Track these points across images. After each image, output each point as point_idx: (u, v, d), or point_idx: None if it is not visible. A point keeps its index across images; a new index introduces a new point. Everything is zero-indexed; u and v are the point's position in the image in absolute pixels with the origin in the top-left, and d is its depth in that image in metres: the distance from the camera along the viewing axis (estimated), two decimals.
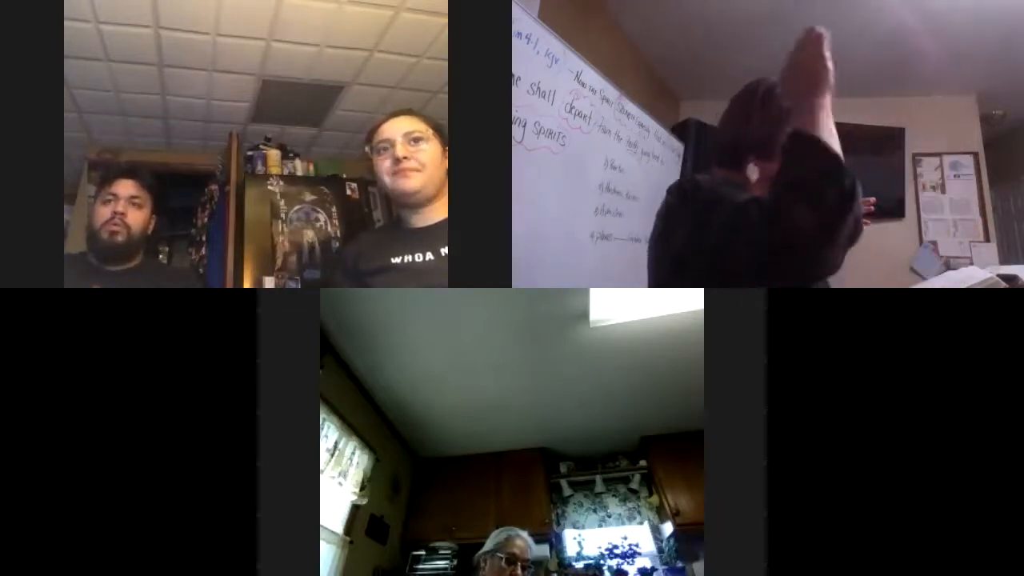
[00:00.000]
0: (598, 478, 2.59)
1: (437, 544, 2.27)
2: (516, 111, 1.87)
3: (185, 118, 3.14)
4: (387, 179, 1.56)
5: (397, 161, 1.52)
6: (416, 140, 1.51)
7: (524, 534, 1.84)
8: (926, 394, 1.22)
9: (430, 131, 1.52)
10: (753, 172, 1.27)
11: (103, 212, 1.87)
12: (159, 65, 2.60)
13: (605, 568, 2.20)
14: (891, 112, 3.99)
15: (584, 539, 2.36)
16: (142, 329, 1.22)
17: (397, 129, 1.56)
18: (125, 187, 1.90)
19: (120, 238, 1.84)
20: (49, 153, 1.28)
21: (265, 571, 1.21)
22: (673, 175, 3.20)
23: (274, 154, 3.28)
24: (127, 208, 1.87)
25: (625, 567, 2.19)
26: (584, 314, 1.67)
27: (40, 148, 1.28)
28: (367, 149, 1.63)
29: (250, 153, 3.27)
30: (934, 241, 4.01)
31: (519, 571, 1.74)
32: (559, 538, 2.36)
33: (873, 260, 3.77)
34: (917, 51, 3.32)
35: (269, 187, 3.14)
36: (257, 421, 1.22)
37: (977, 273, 1.43)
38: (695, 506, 2.10)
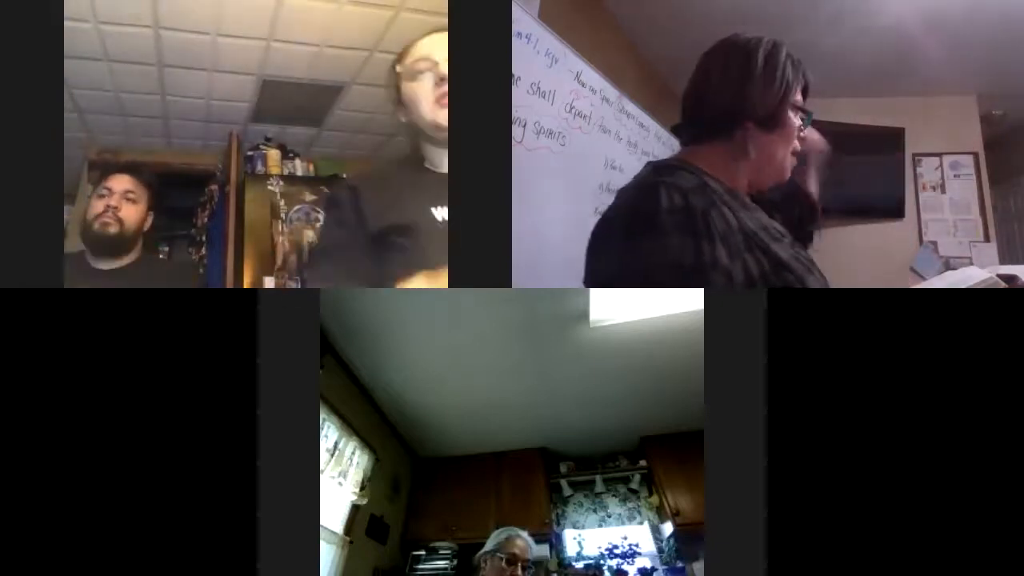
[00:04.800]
0: (598, 478, 2.59)
1: (437, 544, 2.27)
2: (516, 111, 1.86)
3: (185, 118, 3.15)
4: (427, 108, 1.26)
5: (443, 81, 1.25)
6: None
7: (524, 534, 1.84)
8: (926, 394, 1.22)
9: None
10: (708, 153, 1.11)
11: (96, 206, 1.86)
12: (159, 65, 2.61)
13: (605, 568, 2.20)
14: (891, 112, 3.99)
15: (584, 539, 2.36)
16: (142, 329, 1.22)
17: (439, 45, 1.29)
18: (120, 182, 1.89)
19: (112, 230, 1.82)
20: (49, 153, 1.28)
21: (265, 571, 1.21)
22: None
23: (274, 154, 3.29)
24: (120, 202, 1.86)
25: (625, 567, 2.19)
26: (584, 314, 1.67)
27: (40, 148, 1.28)
28: (398, 70, 1.32)
29: (250, 153, 3.28)
30: (934, 241, 4.01)
31: (519, 571, 1.74)
32: (559, 538, 2.36)
33: (873, 260, 3.78)
34: (917, 51, 3.32)
35: (269, 187, 3.14)
36: (257, 421, 1.22)
37: (977, 273, 1.42)
38: (695, 506, 2.10)
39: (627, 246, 1.03)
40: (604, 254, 1.11)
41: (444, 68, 1.26)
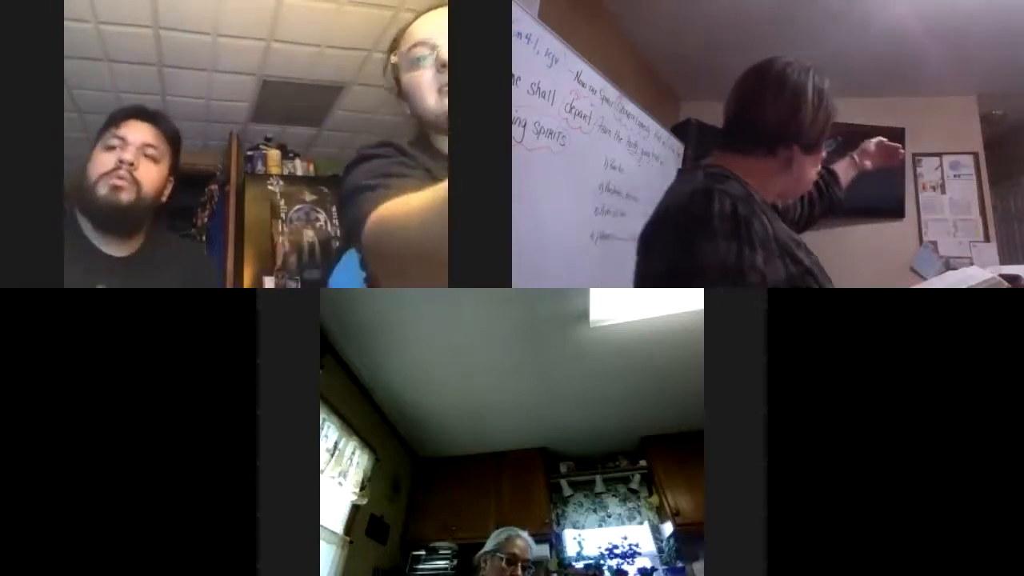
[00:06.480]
0: (598, 478, 2.59)
1: (437, 544, 2.27)
2: (516, 111, 1.86)
3: (185, 118, 3.14)
4: (432, 99, 1.17)
5: (445, 67, 1.14)
6: None
7: (524, 534, 1.84)
8: (926, 394, 1.22)
9: None
10: (747, 164, 1.22)
11: (104, 160, 1.40)
12: (159, 65, 2.60)
13: (605, 568, 2.20)
14: (891, 112, 3.98)
15: (584, 539, 2.36)
16: (141, 329, 1.22)
17: (437, 24, 1.18)
18: (138, 131, 1.43)
19: (125, 196, 1.39)
20: (49, 153, 1.28)
21: (265, 571, 1.21)
22: (673, 175, 3.19)
23: (274, 154, 3.29)
24: (138, 158, 1.41)
25: (625, 567, 2.19)
26: (584, 314, 1.67)
27: (40, 148, 1.28)
28: (393, 60, 1.21)
29: (250, 153, 3.28)
30: (934, 241, 4.01)
31: (519, 571, 1.74)
32: (559, 538, 2.36)
33: (873, 260, 3.78)
34: (917, 51, 3.32)
35: (269, 187, 3.14)
36: (257, 421, 1.22)
37: (978, 273, 1.43)
38: (695, 506, 2.10)
39: (681, 243, 1.12)
40: (657, 250, 1.21)
41: (445, 52, 1.16)
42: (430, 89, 1.19)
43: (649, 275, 1.24)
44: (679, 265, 1.12)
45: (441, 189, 0.72)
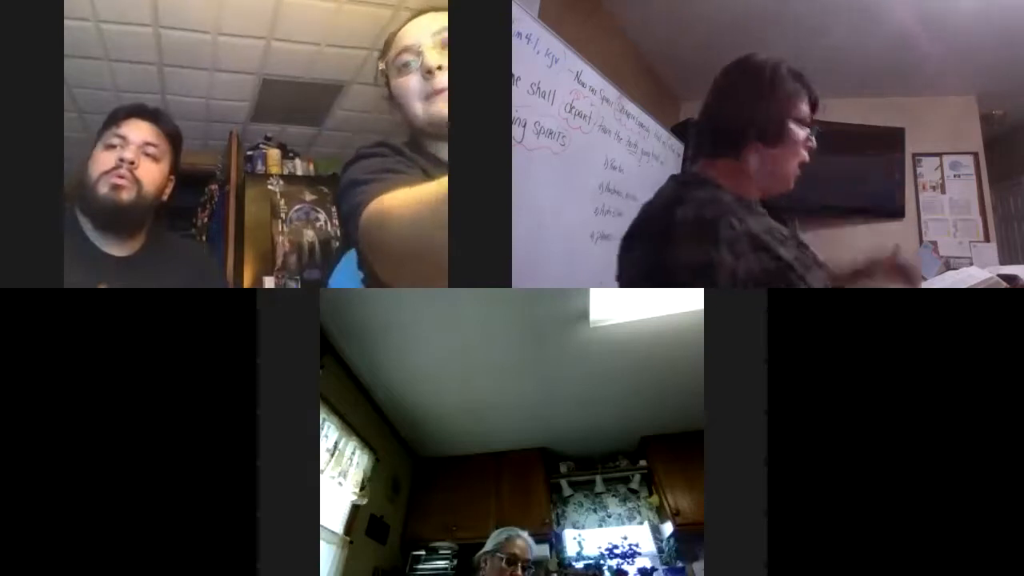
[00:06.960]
0: (598, 478, 2.59)
1: (437, 544, 2.27)
2: (516, 111, 1.86)
3: (185, 118, 3.13)
4: (418, 106, 1.19)
5: (430, 74, 1.16)
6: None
7: (524, 534, 1.84)
8: (926, 394, 1.22)
9: None
10: (721, 167, 1.23)
11: (105, 159, 1.42)
12: (159, 65, 2.60)
13: (605, 568, 2.20)
14: (891, 112, 3.99)
15: (584, 539, 2.36)
16: (141, 329, 1.22)
17: (423, 30, 1.19)
18: (138, 130, 1.44)
19: (126, 195, 1.40)
20: (49, 153, 1.28)
21: (265, 571, 1.21)
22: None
23: (274, 153, 3.28)
24: (138, 157, 1.42)
25: (625, 567, 2.19)
26: (584, 314, 1.67)
27: (40, 148, 1.28)
28: (381, 67, 1.24)
29: (250, 152, 3.27)
30: (934, 241, 4.01)
31: (519, 571, 1.74)
32: (559, 538, 2.36)
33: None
34: (917, 51, 3.32)
35: (269, 187, 3.14)
36: (257, 421, 1.22)
37: (977, 273, 1.43)
38: (695, 506, 2.10)
39: (650, 249, 1.18)
40: (631, 256, 1.26)
41: (430, 58, 1.17)
42: (416, 96, 1.21)
43: (627, 279, 1.28)
44: (650, 269, 1.17)
45: (439, 184, 0.74)
